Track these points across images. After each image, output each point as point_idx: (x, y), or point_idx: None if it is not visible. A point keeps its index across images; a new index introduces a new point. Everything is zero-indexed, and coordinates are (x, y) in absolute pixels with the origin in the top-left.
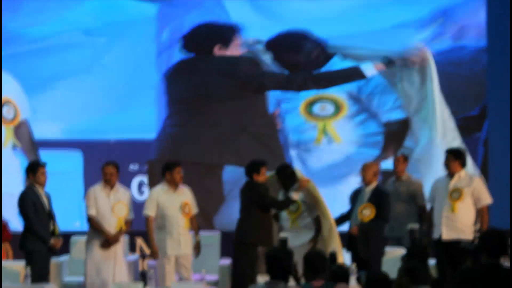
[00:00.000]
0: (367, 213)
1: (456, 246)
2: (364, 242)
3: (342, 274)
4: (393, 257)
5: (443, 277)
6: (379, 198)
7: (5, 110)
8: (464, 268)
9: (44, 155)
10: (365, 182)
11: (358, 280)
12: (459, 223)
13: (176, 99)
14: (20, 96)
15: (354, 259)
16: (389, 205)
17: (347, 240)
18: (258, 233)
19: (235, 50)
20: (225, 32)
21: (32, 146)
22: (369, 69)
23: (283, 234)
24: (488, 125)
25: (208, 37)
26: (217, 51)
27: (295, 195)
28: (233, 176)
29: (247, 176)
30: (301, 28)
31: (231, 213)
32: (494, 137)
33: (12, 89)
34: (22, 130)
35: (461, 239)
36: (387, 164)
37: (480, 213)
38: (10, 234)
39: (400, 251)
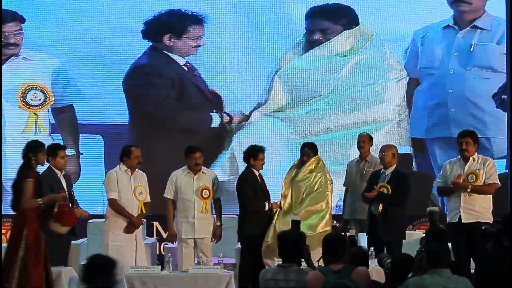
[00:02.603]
0: (385, 191)
1: (475, 229)
2: (385, 225)
3: (361, 257)
4: (411, 240)
5: (459, 260)
6: (398, 179)
7: (30, 95)
8: (487, 251)
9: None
10: (384, 164)
11: (380, 262)
12: (477, 206)
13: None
14: (61, 81)
15: (373, 242)
16: (409, 187)
17: (368, 224)
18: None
19: (189, 42)
20: (177, 23)
21: (73, 131)
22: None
23: (295, 217)
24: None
25: (162, 26)
26: (167, 41)
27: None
28: None
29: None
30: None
31: None
32: None
33: (49, 73)
34: (65, 115)
35: (480, 222)
36: None
37: (485, 185)
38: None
39: (419, 234)
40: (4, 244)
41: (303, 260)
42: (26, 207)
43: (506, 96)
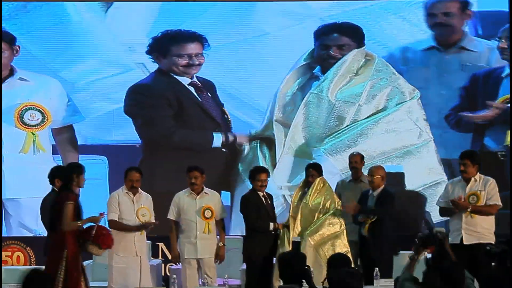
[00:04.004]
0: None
1: (477, 250)
2: (374, 245)
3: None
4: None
5: None
6: (383, 199)
7: (28, 115)
8: (491, 271)
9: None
10: (373, 186)
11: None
12: (478, 227)
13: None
14: (60, 101)
15: (365, 263)
16: (389, 204)
17: (359, 245)
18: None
19: (176, 60)
20: (161, 41)
21: (73, 151)
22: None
23: (295, 238)
24: None
25: (152, 45)
26: (156, 60)
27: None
28: None
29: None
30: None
31: None
32: None
33: (48, 94)
34: (64, 136)
35: (482, 244)
36: None
37: (486, 206)
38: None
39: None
40: (5, 267)
41: (304, 281)
42: (65, 230)
43: (462, 114)
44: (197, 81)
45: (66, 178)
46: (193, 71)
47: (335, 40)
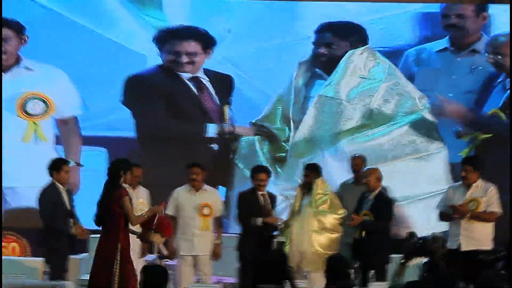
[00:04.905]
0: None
1: (474, 256)
2: (369, 248)
3: None
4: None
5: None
6: (381, 204)
7: (31, 104)
8: (486, 277)
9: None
10: (369, 188)
11: None
12: (477, 233)
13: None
14: (66, 92)
15: (361, 265)
16: (391, 211)
17: (353, 247)
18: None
19: (169, 56)
20: (161, 37)
21: (76, 142)
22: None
23: (280, 238)
24: None
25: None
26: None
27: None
28: None
29: None
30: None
31: None
32: None
33: (52, 84)
34: (68, 127)
35: (480, 250)
36: None
37: (485, 213)
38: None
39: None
40: (7, 257)
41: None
42: (134, 224)
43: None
44: (201, 76)
45: (112, 175)
46: (184, 69)
47: (324, 39)
